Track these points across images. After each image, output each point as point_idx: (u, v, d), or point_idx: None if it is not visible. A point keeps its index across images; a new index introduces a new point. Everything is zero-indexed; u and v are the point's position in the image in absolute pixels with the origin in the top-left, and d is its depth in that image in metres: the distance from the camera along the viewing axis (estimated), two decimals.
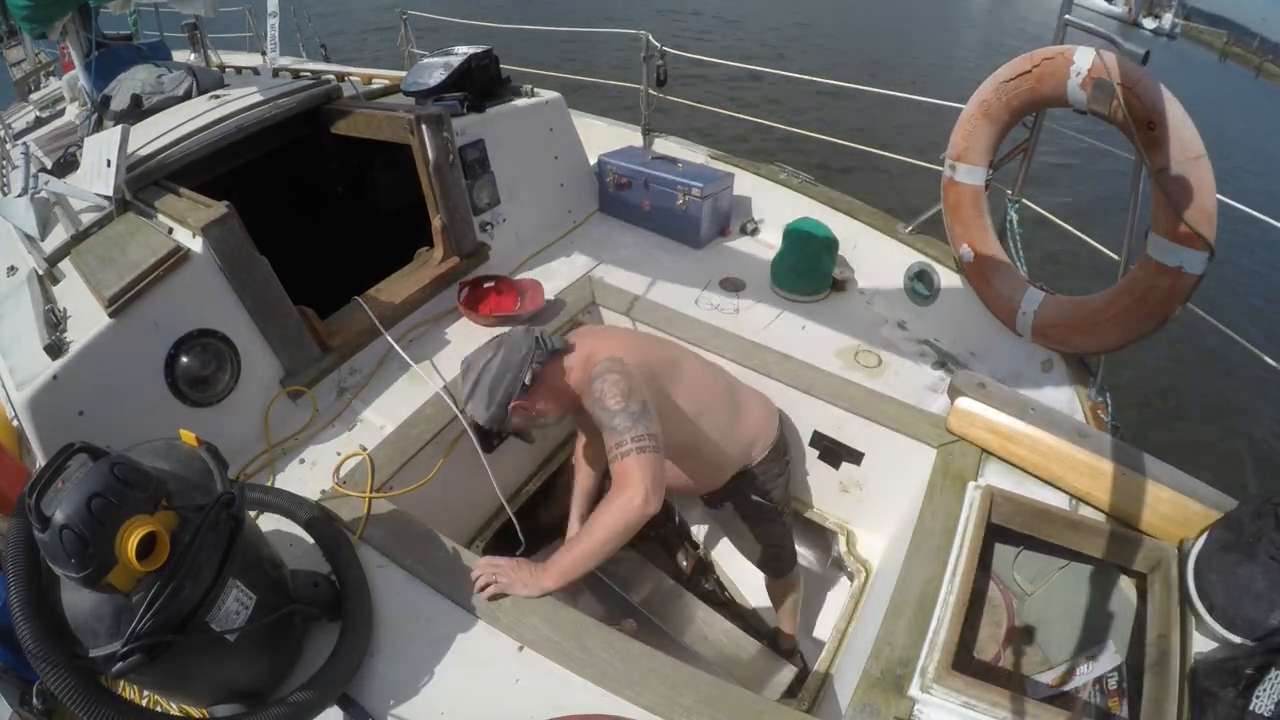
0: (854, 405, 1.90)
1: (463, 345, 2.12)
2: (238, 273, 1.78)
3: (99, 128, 2.39)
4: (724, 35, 14.18)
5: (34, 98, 4.20)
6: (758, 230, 2.84)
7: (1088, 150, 5.85)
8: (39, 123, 3.30)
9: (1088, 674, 1.43)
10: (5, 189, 2.32)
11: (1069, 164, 8.05)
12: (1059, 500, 1.62)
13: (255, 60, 3.42)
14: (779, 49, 13.33)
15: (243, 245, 1.78)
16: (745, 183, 2.88)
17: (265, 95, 2.32)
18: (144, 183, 1.94)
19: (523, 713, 1.23)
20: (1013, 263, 2.16)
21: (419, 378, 1.98)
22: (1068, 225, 2.40)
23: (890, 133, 8.02)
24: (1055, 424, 1.69)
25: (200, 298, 1.73)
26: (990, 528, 1.56)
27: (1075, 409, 1.88)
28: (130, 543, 0.96)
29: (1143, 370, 4.99)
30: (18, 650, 1.00)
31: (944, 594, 1.41)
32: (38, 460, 1.53)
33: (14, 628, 0.98)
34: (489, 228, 2.49)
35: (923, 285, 2.36)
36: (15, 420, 1.55)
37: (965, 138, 2.07)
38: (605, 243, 2.71)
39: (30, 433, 1.51)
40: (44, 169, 2.18)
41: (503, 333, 1.67)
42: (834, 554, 2.16)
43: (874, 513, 2.04)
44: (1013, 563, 1.66)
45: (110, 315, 1.58)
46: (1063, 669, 1.48)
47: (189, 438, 1.20)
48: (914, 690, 1.28)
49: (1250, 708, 1.11)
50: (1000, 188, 2.22)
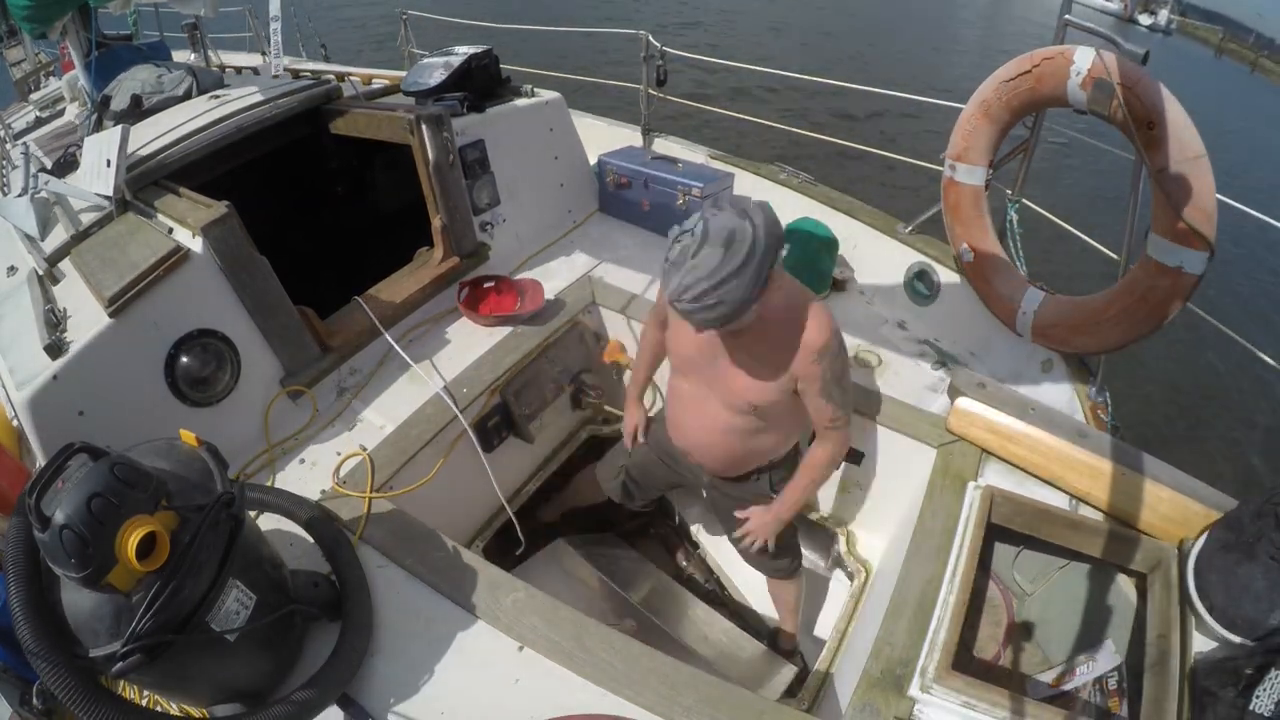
0: (854, 405, 1.90)
1: (463, 345, 2.13)
2: (238, 273, 1.78)
3: (99, 128, 2.39)
4: (724, 35, 14.20)
5: (34, 98, 4.18)
6: None
7: (1088, 150, 5.85)
8: (39, 123, 3.30)
9: (1088, 674, 1.43)
10: (5, 189, 2.32)
11: (1069, 164, 8.04)
12: (1059, 500, 1.63)
13: (255, 60, 3.42)
14: (780, 49, 13.35)
15: (243, 245, 1.78)
16: (745, 182, 2.87)
17: (265, 95, 2.32)
18: (144, 183, 1.94)
19: (523, 713, 1.23)
20: (1013, 262, 2.16)
21: (419, 378, 1.98)
22: (1068, 225, 2.39)
23: (890, 133, 8.03)
24: (1055, 424, 1.69)
25: (200, 298, 1.73)
26: (990, 528, 1.56)
27: (1075, 409, 1.88)
28: (130, 543, 0.96)
29: (1143, 370, 4.98)
30: (18, 650, 1.00)
31: (944, 594, 1.41)
32: (38, 460, 1.53)
33: (14, 628, 0.98)
34: (489, 228, 2.49)
35: (923, 285, 2.36)
36: (15, 420, 1.55)
37: (965, 138, 2.07)
38: (605, 242, 2.70)
39: (30, 433, 1.51)
40: (44, 169, 2.18)
41: (725, 192, 1.39)
42: (834, 554, 2.16)
43: (874, 512, 2.05)
44: (1013, 562, 1.66)
45: (110, 315, 1.58)
46: (1062, 669, 1.48)
47: (189, 438, 1.20)
48: (914, 690, 1.28)
49: (1250, 708, 1.11)
50: (1000, 188, 2.22)
